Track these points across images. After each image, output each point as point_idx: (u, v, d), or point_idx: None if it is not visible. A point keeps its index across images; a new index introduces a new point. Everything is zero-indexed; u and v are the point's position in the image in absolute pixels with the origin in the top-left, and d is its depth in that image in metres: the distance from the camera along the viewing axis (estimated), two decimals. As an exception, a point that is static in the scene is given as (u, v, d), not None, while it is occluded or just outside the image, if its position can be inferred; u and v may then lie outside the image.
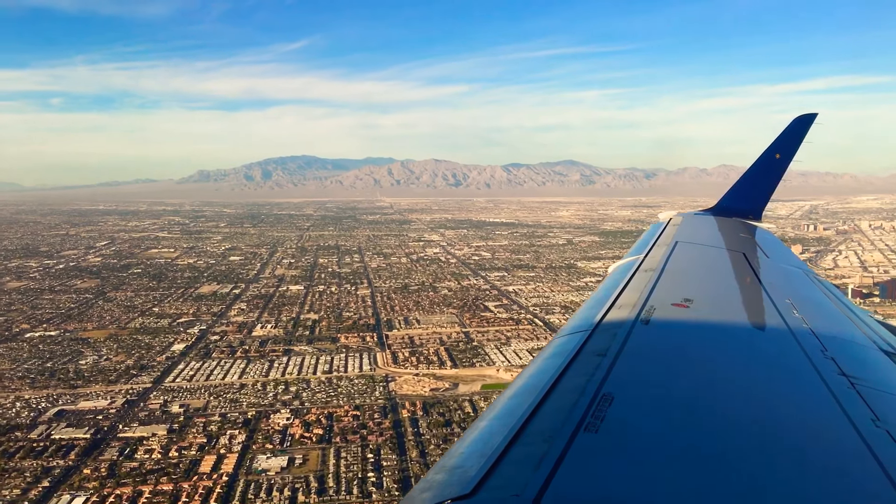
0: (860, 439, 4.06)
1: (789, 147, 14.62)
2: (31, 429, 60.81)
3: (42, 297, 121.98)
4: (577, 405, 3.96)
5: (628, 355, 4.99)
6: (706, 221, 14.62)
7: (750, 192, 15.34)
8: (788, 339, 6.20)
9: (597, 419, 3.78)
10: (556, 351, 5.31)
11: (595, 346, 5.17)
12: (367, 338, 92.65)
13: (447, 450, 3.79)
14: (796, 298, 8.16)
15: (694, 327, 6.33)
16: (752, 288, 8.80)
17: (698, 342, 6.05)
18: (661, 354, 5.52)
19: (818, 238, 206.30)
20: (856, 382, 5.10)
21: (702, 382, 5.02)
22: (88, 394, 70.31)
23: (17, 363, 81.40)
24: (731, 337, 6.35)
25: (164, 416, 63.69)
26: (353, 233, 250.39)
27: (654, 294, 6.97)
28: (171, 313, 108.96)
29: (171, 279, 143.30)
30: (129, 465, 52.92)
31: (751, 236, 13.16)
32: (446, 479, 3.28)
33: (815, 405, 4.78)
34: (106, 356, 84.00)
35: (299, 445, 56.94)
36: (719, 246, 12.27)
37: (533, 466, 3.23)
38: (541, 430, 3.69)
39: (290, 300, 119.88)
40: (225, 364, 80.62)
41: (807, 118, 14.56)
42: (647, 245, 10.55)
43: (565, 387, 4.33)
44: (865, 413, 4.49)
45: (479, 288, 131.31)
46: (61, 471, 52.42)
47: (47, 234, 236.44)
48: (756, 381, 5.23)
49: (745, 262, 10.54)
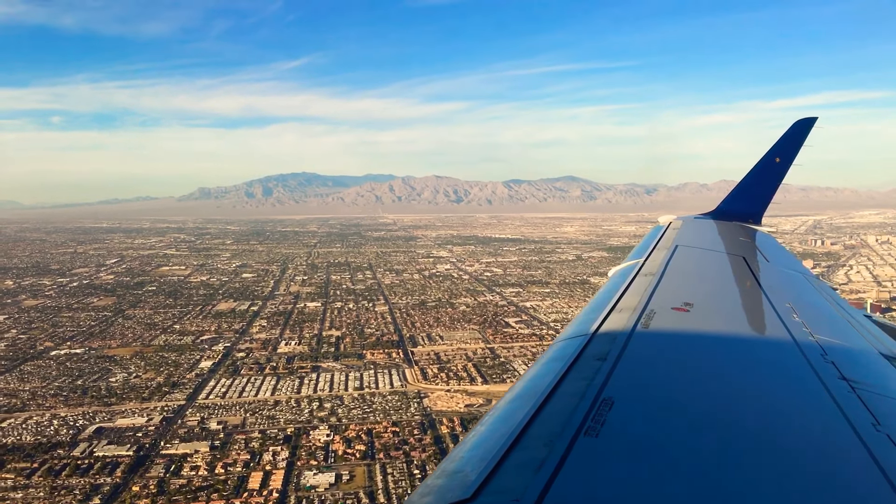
0: (861, 443, 4.05)
1: (789, 151, 14.62)
2: (72, 446, 60.91)
3: (61, 315, 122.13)
4: (578, 409, 3.96)
5: (628, 359, 5.00)
6: (706, 225, 14.64)
7: (750, 195, 15.37)
8: (789, 343, 6.19)
9: (597, 423, 3.78)
10: (557, 355, 5.30)
11: (595, 351, 5.17)
12: (394, 354, 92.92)
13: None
14: (796, 302, 8.12)
15: (694, 331, 6.35)
16: (752, 292, 8.78)
17: (699, 346, 6.06)
18: (662, 359, 5.51)
19: (826, 253, 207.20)
20: (856, 386, 5.07)
21: (702, 387, 5.04)
22: (123, 411, 70.43)
23: (47, 381, 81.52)
24: (732, 341, 6.35)
25: (203, 433, 63.81)
26: (360, 249, 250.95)
27: (655, 298, 6.97)
28: (193, 331, 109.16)
29: (186, 297, 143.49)
30: (177, 483, 53.08)
31: (751, 240, 13.17)
32: (446, 483, 3.29)
33: (816, 409, 4.77)
34: (135, 374, 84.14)
35: (343, 462, 57.11)
36: (719, 250, 12.29)
37: (533, 471, 3.23)
38: (541, 434, 3.69)
39: (310, 317, 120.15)
40: (255, 381, 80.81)
41: (807, 122, 14.57)
42: (648, 249, 10.54)
43: (565, 391, 4.33)
44: (866, 417, 4.48)
45: (497, 304, 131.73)
46: (110, 488, 52.54)
47: (55, 252, 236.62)
48: (756, 385, 5.23)
49: (746, 265, 10.49)
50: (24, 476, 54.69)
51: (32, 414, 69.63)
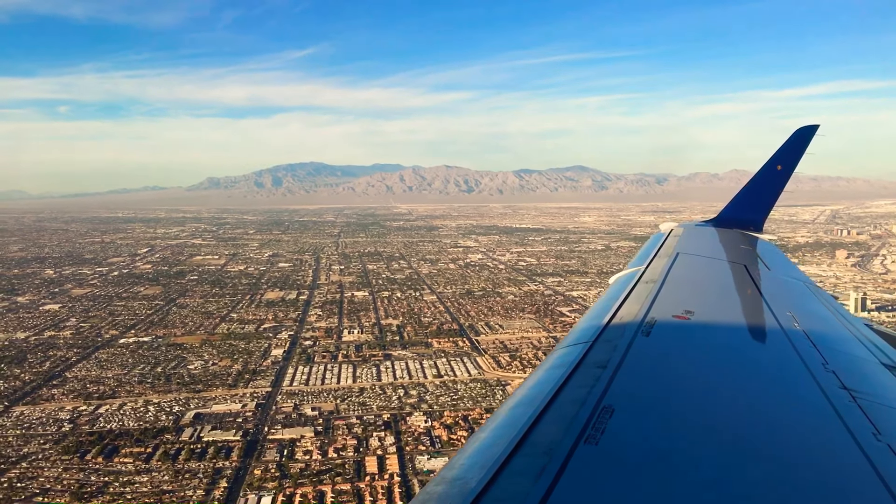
0: (861, 453, 4.06)
1: (791, 158, 14.62)
2: (178, 432, 62.12)
3: (114, 304, 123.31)
4: (578, 417, 3.98)
5: (629, 367, 5.02)
6: (707, 233, 14.70)
7: (751, 203, 15.33)
8: (789, 351, 6.20)
9: (597, 431, 3.80)
10: (558, 362, 5.33)
11: (596, 358, 5.20)
12: (459, 343, 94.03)
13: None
14: (797, 311, 8.17)
15: (695, 339, 6.39)
16: (753, 300, 8.77)
17: (699, 354, 6.09)
18: (662, 366, 5.53)
19: (854, 243, 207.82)
20: (857, 396, 5.08)
21: (702, 395, 5.07)
22: (214, 397, 71.63)
23: (125, 368, 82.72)
24: (733, 349, 6.36)
25: (302, 419, 65.00)
26: (385, 239, 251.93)
27: (656, 306, 7.00)
28: (251, 319, 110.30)
29: (231, 286, 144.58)
30: (296, 466, 54.29)
31: (752, 248, 13.14)
32: (446, 490, 3.34)
33: (817, 419, 4.80)
34: (211, 361, 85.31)
35: (451, 447, 58.24)
36: (721, 257, 12.31)
37: (533, 478, 3.25)
38: (541, 441, 3.71)
39: (361, 306, 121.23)
40: (332, 368, 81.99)
41: (808, 129, 14.52)
42: (649, 256, 10.59)
43: (566, 398, 4.34)
44: (867, 427, 4.48)
45: (543, 293, 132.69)
46: (232, 472, 53.78)
47: (83, 242, 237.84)
48: (757, 394, 5.24)
49: (747, 273, 10.51)
50: (143, 460, 55.95)
51: (125, 400, 70.84)
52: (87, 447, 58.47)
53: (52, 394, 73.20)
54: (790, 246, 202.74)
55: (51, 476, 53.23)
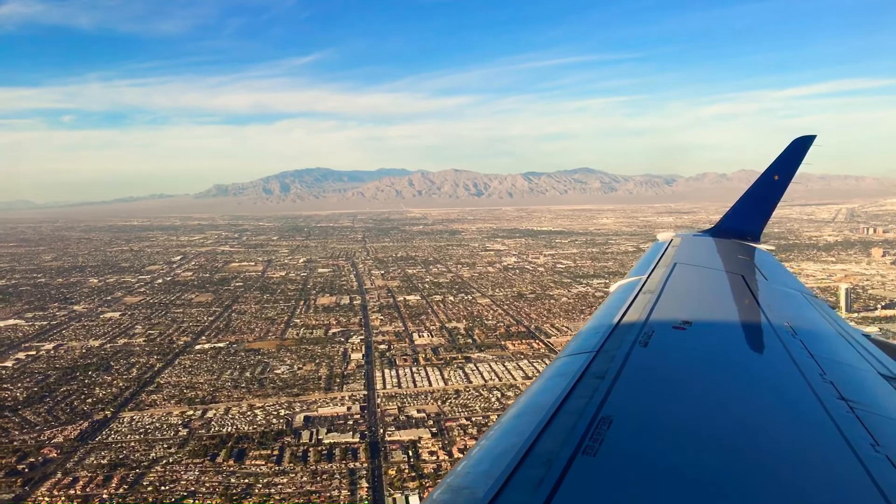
0: (860, 464, 4.06)
1: (788, 168, 14.66)
2: (296, 435, 63.31)
3: (172, 312, 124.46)
4: (576, 428, 4.00)
5: (627, 378, 5.05)
6: (705, 243, 14.65)
7: (749, 213, 15.34)
8: (787, 362, 6.19)
9: (595, 442, 3.82)
10: (557, 372, 5.37)
11: (595, 369, 5.22)
12: (534, 345, 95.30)
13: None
14: (795, 321, 8.17)
15: (692, 350, 6.41)
16: (750, 310, 8.76)
17: (697, 365, 6.11)
18: (660, 377, 5.58)
19: (884, 241, 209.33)
20: (855, 407, 5.07)
21: (700, 406, 5.09)
22: (314, 401, 72.84)
23: (214, 374, 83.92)
24: (730, 360, 6.40)
25: (412, 421, 66.21)
26: (411, 244, 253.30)
27: (653, 316, 7.05)
28: (316, 324, 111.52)
29: (279, 292, 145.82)
30: (428, 466, 55.50)
31: (749, 258, 13.16)
32: (451, 498, 3.43)
33: (815, 430, 4.79)
34: (296, 366, 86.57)
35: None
36: (718, 268, 12.35)
37: (531, 490, 3.30)
38: (539, 452, 3.73)
39: (419, 310, 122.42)
40: (418, 371, 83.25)
41: (806, 140, 14.59)
42: (648, 266, 10.64)
43: (565, 409, 4.35)
44: (865, 437, 4.48)
45: (594, 296, 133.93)
46: (367, 472, 55.00)
47: (112, 251, 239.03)
48: (755, 404, 5.25)
49: (744, 284, 10.55)
50: (273, 462, 57.16)
51: (228, 405, 72.08)
52: (212, 450, 59.67)
53: (153, 399, 74.39)
54: (821, 244, 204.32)
55: (191, 479, 54.39)
